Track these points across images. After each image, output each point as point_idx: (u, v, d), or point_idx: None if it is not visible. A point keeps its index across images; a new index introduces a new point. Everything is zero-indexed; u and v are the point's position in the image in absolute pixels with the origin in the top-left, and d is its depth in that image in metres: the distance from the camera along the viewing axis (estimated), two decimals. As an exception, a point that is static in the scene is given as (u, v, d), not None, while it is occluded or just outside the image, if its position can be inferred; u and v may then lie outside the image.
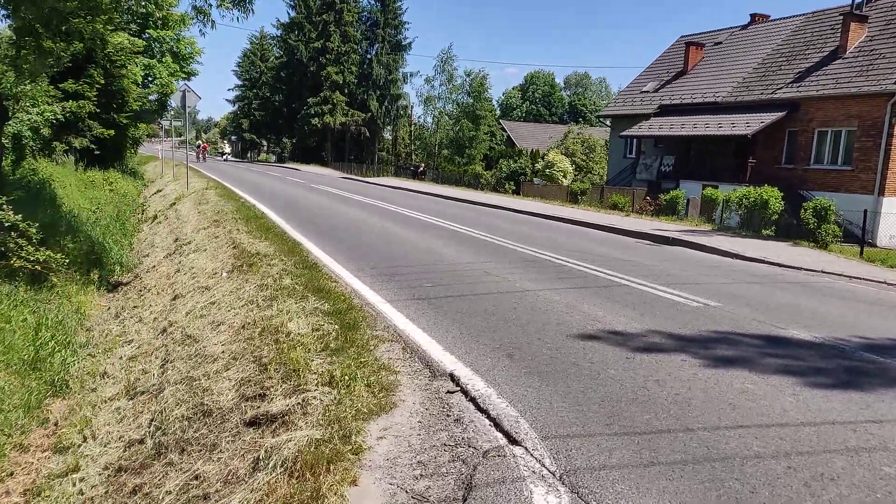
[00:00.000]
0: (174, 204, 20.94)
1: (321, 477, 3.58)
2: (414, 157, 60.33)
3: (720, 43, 34.47)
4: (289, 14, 63.27)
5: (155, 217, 20.57)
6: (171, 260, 12.67)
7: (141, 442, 5.27)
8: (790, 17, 32.23)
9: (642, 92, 35.84)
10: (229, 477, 4.01)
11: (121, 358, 8.20)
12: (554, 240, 13.68)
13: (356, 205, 20.51)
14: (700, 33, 37.29)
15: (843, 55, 26.37)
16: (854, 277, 10.85)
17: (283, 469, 3.74)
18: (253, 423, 4.65)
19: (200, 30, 24.19)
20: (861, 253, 14.17)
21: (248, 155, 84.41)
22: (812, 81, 26.54)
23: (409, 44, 62.83)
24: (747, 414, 4.42)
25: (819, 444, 4.01)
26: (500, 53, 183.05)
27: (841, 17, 27.25)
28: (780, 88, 27.53)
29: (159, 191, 28.12)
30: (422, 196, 27.65)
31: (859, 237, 16.42)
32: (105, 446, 5.75)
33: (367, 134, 62.04)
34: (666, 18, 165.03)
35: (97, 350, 9.09)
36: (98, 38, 26.07)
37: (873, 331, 7.10)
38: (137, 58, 31.94)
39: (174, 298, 9.67)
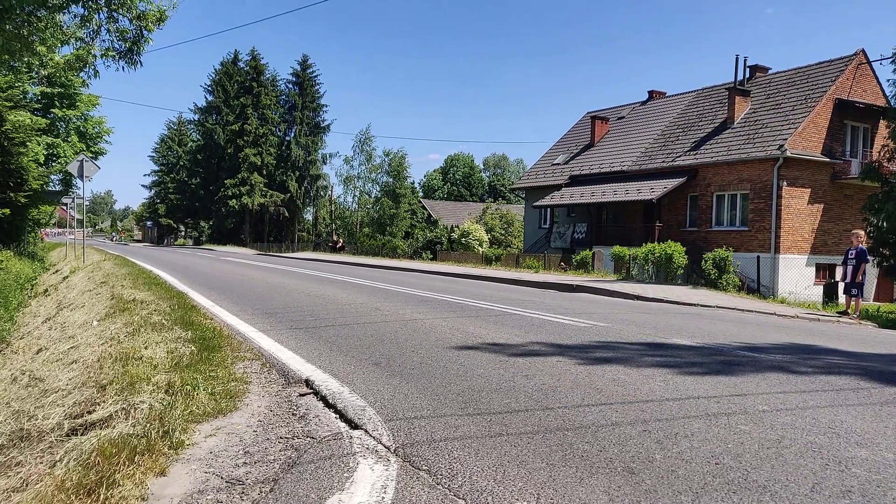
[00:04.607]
0: (67, 277, 19.74)
1: (119, 467, 3.13)
2: (335, 235, 59.97)
3: (623, 117, 36.40)
4: (206, 98, 63.16)
5: (46, 291, 19.28)
6: (48, 323, 11.74)
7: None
8: (684, 94, 34.50)
9: (553, 164, 37.12)
10: (19, 485, 3.43)
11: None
12: (456, 288, 13.46)
13: (260, 269, 19.82)
14: (604, 109, 39.37)
15: (731, 125, 28.22)
16: (746, 310, 11.05)
17: (77, 463, 3.23)
18: (71, 434, 4.08)
19: (84, 80, 23.48)
20: (758, 288, 14.58)
21: (165, 241, 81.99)
22: (707, 150, 28.16)
23: (328, 125, 63.51)
24: (613, 395, 4.18)
25: (680, 412, 3.80)
26: (422, 133, 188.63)
27: (727, 92, 29.34)
28: (680, 156, 29.05)
29: (57, 269, 26.59)
30: (333, 264, 27.09)
31: (758, 290, 17.02)
32: None
33: (287, 214, 61.44)
34: (574, 95, 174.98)
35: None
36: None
37: (753, 339, 7.09)
38: (40, 136, 30.92)
39: (38, 352, 8.84)
